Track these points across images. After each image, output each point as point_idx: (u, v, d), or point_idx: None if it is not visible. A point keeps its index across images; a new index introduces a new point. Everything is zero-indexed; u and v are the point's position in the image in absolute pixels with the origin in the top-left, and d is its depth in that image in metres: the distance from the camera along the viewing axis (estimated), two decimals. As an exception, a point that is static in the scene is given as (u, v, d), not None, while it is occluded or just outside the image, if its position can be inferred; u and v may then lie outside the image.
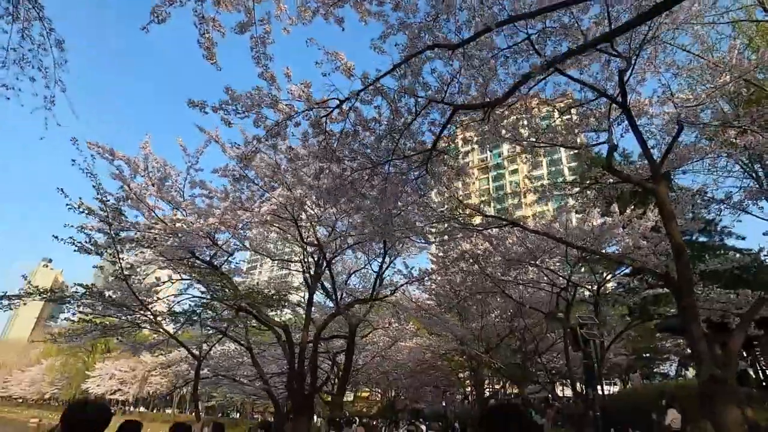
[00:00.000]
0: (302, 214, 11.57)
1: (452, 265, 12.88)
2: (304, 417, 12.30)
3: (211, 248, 11.83)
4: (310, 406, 12.62)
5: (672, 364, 38.18)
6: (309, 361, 12.85)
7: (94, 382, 61.62)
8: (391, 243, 12.59)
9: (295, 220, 10.94)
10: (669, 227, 7.34)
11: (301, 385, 12.57)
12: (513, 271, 13.33)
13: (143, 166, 11.12)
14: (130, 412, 60.96)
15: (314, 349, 12.77)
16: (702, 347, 6.70)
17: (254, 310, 12.50)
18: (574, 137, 10.20)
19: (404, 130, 6.11)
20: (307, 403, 12.48)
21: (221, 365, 20.41)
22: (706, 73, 9.18)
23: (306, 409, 12.43)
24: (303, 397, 12.49)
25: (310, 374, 12.77)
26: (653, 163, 7.82)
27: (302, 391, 12.54)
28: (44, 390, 75.35)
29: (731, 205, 10.51)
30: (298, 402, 12.43)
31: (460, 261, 12.42)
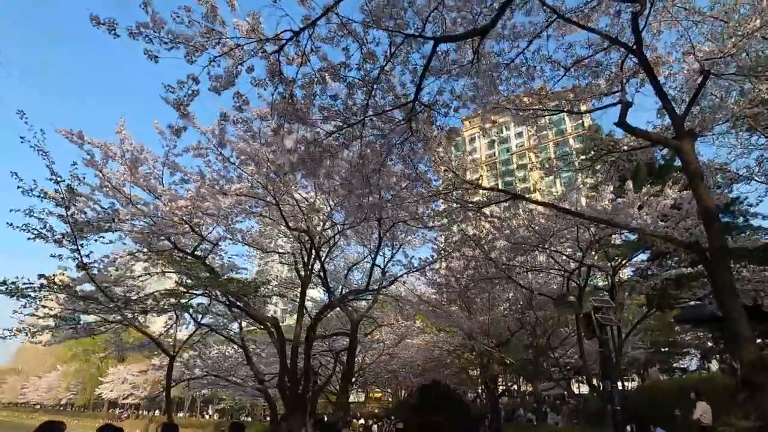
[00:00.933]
0: (288, 198, 10.58)
1: (453, 250, 11.83)
2: (298, 417, 11.35)
3: (191, 237, 10.97)
4: (304, 406, 11.67)
5: (692, 358, 36.50)
6: (303, 357, 11.90)
7: (107, 387, 61.59)
8: (386, 228, 11.59)
9: (277, 203, 9.98)
10: (696, 189, 6.23)
11: (295, 384, 11.62)
12: (519, 256, 12.22)
13: (119, 152, 10.29)
14: (143, 416, 60.74)
15: (307, 345, 11.82)
16: (743, 328, 5.57)
17: (241, 303, 11.60)
18: (581, 103, 9.12)
19: (380, 74, 5.12)
20: (300, 402, 11.53)
21: (221, 366, 19.56)
22: (732, 20, 7.99)
23: (300, 410, 11.48)
24: (296, 397, 11.54)
25: (304, 372, 11.81)
26: (675, 116, 6.70)
27: (296, 390, 11.60)
28: (60, 396, 75.72)
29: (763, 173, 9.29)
30: (291, 402, 11.49)
31: (462, 246, 11.36)
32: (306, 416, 11.79)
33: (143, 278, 11.13)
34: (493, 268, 11.36)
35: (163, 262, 10.45)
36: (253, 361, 14.45)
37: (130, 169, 9.74)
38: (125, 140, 10.32)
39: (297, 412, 11.40)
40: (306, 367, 11.77)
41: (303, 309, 12.19)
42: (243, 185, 9.29)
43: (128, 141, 10.39)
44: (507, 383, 32.93)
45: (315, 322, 12.01)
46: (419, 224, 11.65)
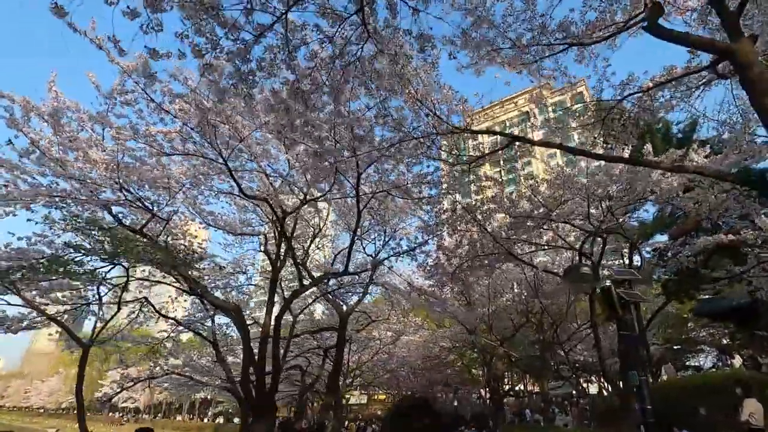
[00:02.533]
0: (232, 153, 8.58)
1: (443, 223, 10.05)
2: (263, 420, 9.61)
3: (132, 209, 9.32)
4: (272, 406, 9.92)
5: (708, 355, 34.41)
6: (274, 351, 10.16)
7: (107, 390, 60.15)
8: (365, 202, 9.84)
9: (225, 161, 8.21)
10: (761, 103, 4.47)
11: (262, 381, 9.88)
12: (522, 234, 10.42)
13: (48, 110, 8.64)
14: (142, 420, 59.23)
15: (275, 336, 10.06)
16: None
17: (198, 288, 9.90)
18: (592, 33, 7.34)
19: None
20: (267, 402, 9.79)
21: (197, 365, 17.86)
22: None
23: (267, 410, 9.74)
24: (263, 396, 9.80)
25: (273, 367, 10.07)
26: (727, 13, 4.94)
27: (262, 388, 9.85)
28: (61, 399, 74.53)
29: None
30: (257, 401, 9.76)
31: (454, 219, 9.57)
32: (274, 418, 10.06)
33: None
34: (490, 242, 9.55)
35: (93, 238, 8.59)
36: (226, 360, 12.75)
37: (54, 127, 8.10)
38: (55, 97, 8.67)
39: (264, 414, 9.66)
40: (274, 361, 10.03)
41: (274, 295, 10.48)
42: (174, 129, 7.56)
43: (62, 99, 8.76)
44: (512, 382, 30.94)
45: (283, 310, 10.25)
46: (402, 194, 9.90)
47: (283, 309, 10.11)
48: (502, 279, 15.91)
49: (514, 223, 9.97)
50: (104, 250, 7.99)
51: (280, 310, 10.05)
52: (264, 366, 10.02)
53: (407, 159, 7.56)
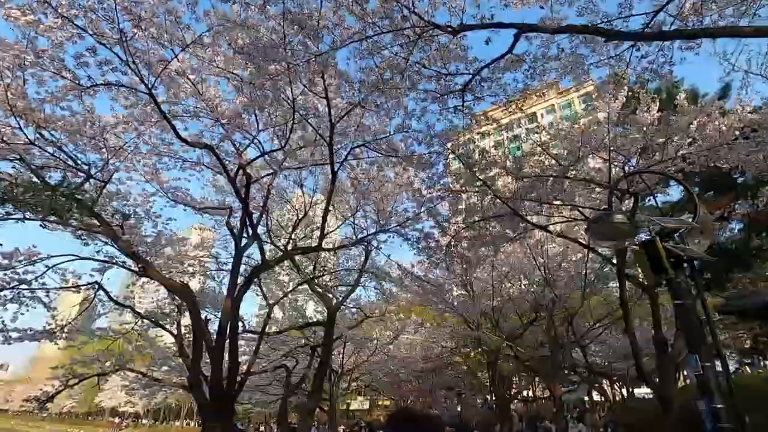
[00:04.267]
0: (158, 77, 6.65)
1: (433, 186, 8.13)
2: (218, 425, 7.73)
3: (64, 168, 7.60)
4: (227, 410, 8.04)
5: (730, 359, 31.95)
6: (231, 342, 8.27)
7: (107, 395, 58.63)
8: (341, 158, 8.02)
9: (149, 89, 6.29)
10: None
11: (217, 377, 8.01)
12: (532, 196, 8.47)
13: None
14: (141, 425, 57.56)
15: (233, 325, 8.19)
16: None
17: (139, 262, 8.12)
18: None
19: None
20: (224, 405, 7.92)
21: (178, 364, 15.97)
22: None
23: (222, 414, 7.86)
24: (219, 395, 7.94)
25: (229, 360, 8.18)
26: None
27: (217, 386, 7.99)
28: (62, 403, 73.11)
29: None
30: (210, 403, 7.90)
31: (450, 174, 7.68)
32: (231, 425, 8.19)
33: None
34: (493, 202, 7.61)
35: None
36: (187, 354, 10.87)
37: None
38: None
39: (220, 418, 7.79)
40: (232, 355, 8.13)
41: (236, 276, 8.65)
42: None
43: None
44: (520, 386, 28.70)
45: (241, 290, 8.37)
46: (385, 151, 8.07)
47: (240, 289, 8.26)
48: (507, 266, 13.94)
49: (522, 187, 8.06)
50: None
51: (237, 291, 8.20)
52: (221, 359, 8.16)
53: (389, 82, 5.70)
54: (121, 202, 10.85)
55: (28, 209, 6.15)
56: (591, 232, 5.27)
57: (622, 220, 5.01)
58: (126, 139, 8.26)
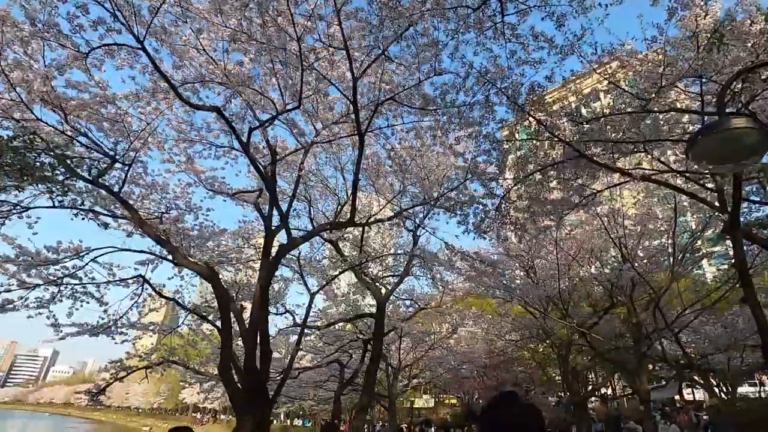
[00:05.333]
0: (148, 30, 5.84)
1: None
2: (250, 417, 7.01)
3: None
4: (261, 402, 7.29)
5: None
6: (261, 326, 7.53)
7: (188, 392, 62.48)
8: (369, 114, 6.98)
9: (141, 42, 5.51)
10: None
11: (251, 360, 7.31)
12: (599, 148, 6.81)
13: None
14: (220, 420, 60.61)
15: (263, 311, 7.43)
16: None
17: (165, 246, 7.64)
18: None
19: None
20: (255, 396, 7.20)
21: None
22: None
23: (254, 405, 7.14)
24: (254, 390, 7.23)
25: (261, 350, 7.45)
26: None
27: (251, 377, 7.29)
28: (152, 400, 79.31)
29: None
30: (242, 395, 7.21)
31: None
32: (266, 419, 7.43)
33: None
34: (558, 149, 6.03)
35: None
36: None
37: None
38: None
39: (248, 413, 7.07)
40: (263, 342, 7.38)
41: (267, 259, 7.93)
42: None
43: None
44: (596, 382, 25.84)
45: (269, 273, 7.57)
46: (420, 105, 6.90)
47: (268, 272, 7.49)
48: (574, 242, 12.07)
49: (586, 132, 6.46)
50: None
51: (266, 274, 7.45)
52: (253, 348, 7.46)
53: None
54: (161, 195, 10.66)
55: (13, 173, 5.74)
56: (695, 152, 3.74)
57: (745, 126, 3.45)
58: (148, 120, 7.87)
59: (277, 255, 7.65)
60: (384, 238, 18.17)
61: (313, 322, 17.31)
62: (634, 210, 11.67)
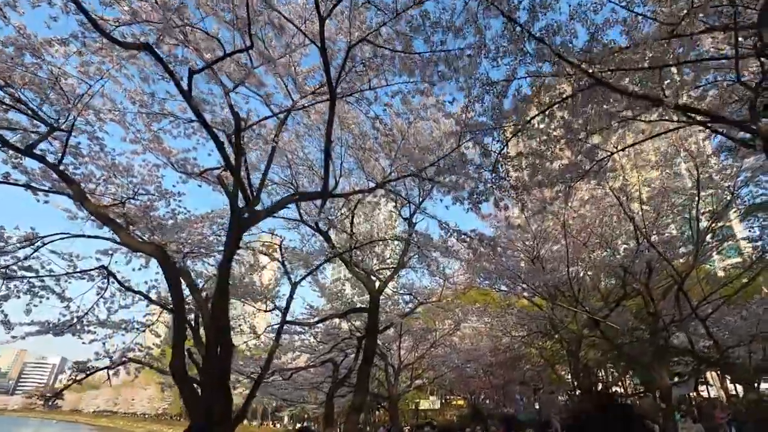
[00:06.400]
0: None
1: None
2: (215, 413, 5.89)
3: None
4: (222, 411, 6.14)
5: None
6: (212, 314, 6.37)
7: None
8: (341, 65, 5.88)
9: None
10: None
11: (209, 368, 6.20)
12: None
13: None
14: (224, 425, 59.42)
15: (222, 299, 6.30)
16: None
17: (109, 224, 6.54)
18: None
19: None
20: (215, 400, 6.07)
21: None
22: None
23: (210, 414, 6.00)
24: (210, 390, 6.12)
25: (221, 346, 6.29)
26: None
27: (211, 371, 6.17)
28: (157, 405, 78.46)
29: None
30: (199, 398, 6.09)
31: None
32: (229, 421, 6.30)
33: None
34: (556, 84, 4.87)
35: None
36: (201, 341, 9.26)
37: None
38: None
39: (209, 419, 5.94)
40: (218, 322, 6.21)
41: (231, 236, 6.77)
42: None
43: None
44: (607, 380, 24.43)
45: (231, 250, 6.43)
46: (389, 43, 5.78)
47: (229, 251, 6.37)
48: (580, 220, 10.83)
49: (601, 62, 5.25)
50: None
51: (228, 251, 6.34)
52: (216, 334, 6.30)
53: None
54: (127, 178, 9.63)
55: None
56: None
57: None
58: (91, 82, 6.81)
59: (236, 231, 6.52)
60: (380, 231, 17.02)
61: (307, 320, 16.23)
62: (647, 190, 10.46)
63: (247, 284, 13.36)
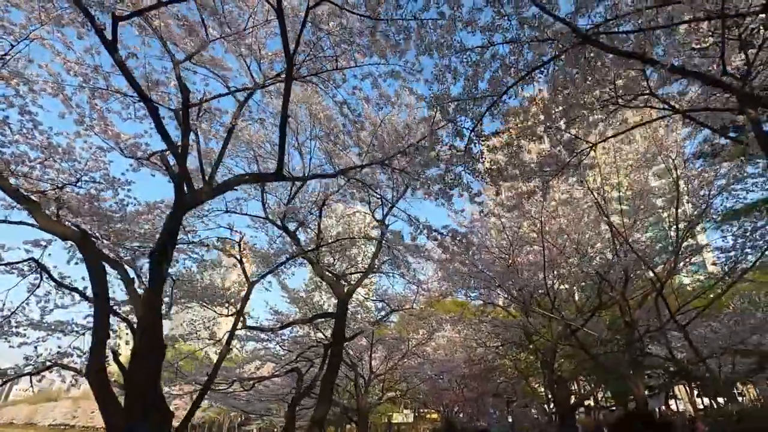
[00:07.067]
0: None
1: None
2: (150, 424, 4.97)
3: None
4: (156, 414, 5.23)
5: None
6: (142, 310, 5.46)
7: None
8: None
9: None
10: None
11: (140, 363, 5.29)
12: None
13: None
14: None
15: (155, 296, 5.42)
16: None
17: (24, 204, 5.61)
18: None
19: None
20: (143, 406, 5.16)
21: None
22: None
23: (135, 426, 5.08)
24: (135, 389, 5.21)
25: (150, 345, 5.39)
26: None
27: (137, 376, 5.26)
28: (118, 418, 74.10)
29: None
30: (119, 407, 5.18)
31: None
32: (167, 424, 5.38)
33: None
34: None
35: None
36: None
37: None
38: None
39: (139, 418, 5.03)
40: (149, 327, 5.31)
41: (171, 222, 5.87)
42: None
43: None
44: (579, 394, 24.07)
45: (163, 238, 5.56)
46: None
47: (166, 232, 5.49)
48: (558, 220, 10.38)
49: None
50: None
51: (163, 235, 5.47)
52: (150, 336, 5.40)
53: None
54: (69, 163, 8.66)
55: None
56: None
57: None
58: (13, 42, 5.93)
59: (175, 213, 5.67)
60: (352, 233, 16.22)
61: (272, 326, 15.22)
62: (625, 190, 10.11)
63: (206, 286, 12.36)
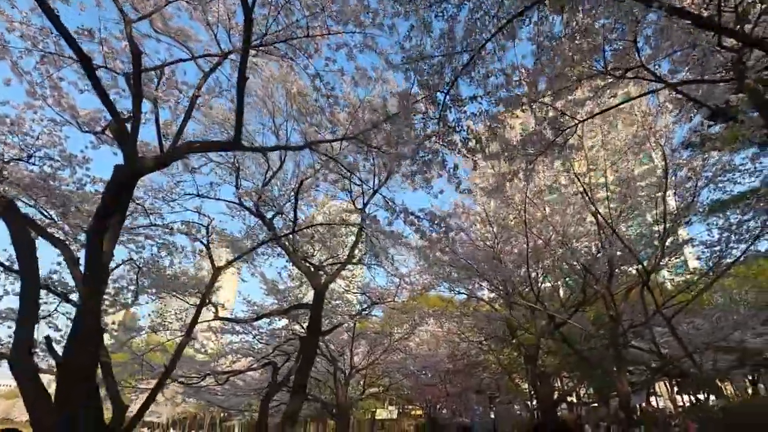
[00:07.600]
0: None
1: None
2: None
3: None
4: (89, 403, 4.65)
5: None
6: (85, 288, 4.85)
7: (135, 405, 56.92)
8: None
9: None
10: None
11: (75, 350, 4.70)
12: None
13: None
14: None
15: (95, 268, 4.84)
16: None
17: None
18: None
19: None
20: (79, 390, 4.58)
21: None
22: None
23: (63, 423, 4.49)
24: (69, 380, 4.63)
25: (86, 326, 4.80)
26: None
27: (71, 365, 4.67)
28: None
29: None
30: (58, 393, 4.61)
31: None
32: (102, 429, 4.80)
33: None
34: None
35: None
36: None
37: None
38: None
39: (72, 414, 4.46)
40: (90, 313, 4.72)
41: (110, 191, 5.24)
42: None
43: None
44: (562, 390, 23.91)
45: (99, 213, 4.93)
46: None
47: (104, 206, 4.90)
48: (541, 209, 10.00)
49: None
50: None
51: (100, 209, 4.88)
52: (89, 319, 4.80)
53: None
54: (20, 137, 8.00)
55: None
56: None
57: None
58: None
59: (115, 187, 5.07)
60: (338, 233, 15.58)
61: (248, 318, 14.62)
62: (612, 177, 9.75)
63: (175, 274, 11.72)
